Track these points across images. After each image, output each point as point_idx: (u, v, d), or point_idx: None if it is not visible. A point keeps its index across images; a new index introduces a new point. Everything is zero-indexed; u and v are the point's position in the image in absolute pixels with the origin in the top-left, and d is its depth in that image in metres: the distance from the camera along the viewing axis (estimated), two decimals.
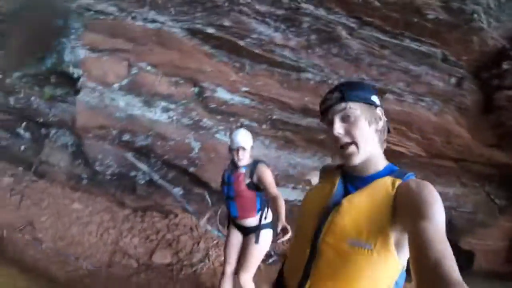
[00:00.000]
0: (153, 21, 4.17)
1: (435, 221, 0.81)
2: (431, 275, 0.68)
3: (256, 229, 2.70)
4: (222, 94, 4.13)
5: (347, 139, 1.01)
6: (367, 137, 1.02)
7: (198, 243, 4.19)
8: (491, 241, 6.26)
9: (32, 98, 4.79)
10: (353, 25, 3.83)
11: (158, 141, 4.16)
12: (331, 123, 1.04)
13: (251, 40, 3.94)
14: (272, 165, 4.43)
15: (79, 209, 4.46)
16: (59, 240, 4.13)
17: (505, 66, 4.18)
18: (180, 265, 3.92)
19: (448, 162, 5.25)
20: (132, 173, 4.36)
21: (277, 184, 2.82)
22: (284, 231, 2.02)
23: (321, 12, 3.71)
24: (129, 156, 4.29)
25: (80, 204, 4.50)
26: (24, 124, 5.05)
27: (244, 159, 2.67)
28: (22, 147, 5.09)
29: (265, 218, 2.73)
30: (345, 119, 1.02)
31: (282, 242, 2.90)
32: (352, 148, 1.00)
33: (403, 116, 4.41)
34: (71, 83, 4.44)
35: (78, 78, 4.30)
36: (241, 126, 4.21)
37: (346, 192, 1.05)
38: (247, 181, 2.65)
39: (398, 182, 0.97)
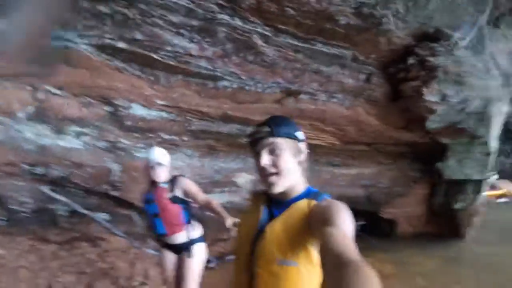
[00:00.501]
0: (57, 38, 3.84)
1: (341, 227, 0.91)
2: (335, 260, 0.77)
3: (188, 245, 2.73)
4: (138, 110, 4.00)
5: (272, 170, 1.13)
6: (290, 168, 1.14)
7: (135, 265, 4.09)
8: (410, 208, 7.10)
9: None
10: (268, 33, 3.94)
11: (74, 169, 3.91)
12: (258, 154, 1.15)
13: (165, 52, 3.82)
14: (197, 174, 4.49)
15: (2, 255, 4.03)
16: None
17: (410, 61, 4.61)
18: None
19: (361, 147, 5.74)
20: (52, 206, 4.09)
21: (205, 192, 2.90)
22: (236, 225, 2.12)
23: (237, 22, 3.73)
24: (45, 189, 3.97)
25: (2, 249, 4.08)
26: None
27: (162, 175, 2.68)
28: None
29: (194, 231, 2.77)
30: (272, 152, 1.13)
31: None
32: (275, 178, 1.12)
33: (317, 113, 4.69)
34: None
35: None
36: (160, 142, 4.15)
37: (271, 216, 1.17)
38: (170, 195, 2.66)
39: (313, 202, 1.10)
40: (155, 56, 3.85)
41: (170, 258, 2.87)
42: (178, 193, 2.68)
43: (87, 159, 3.93)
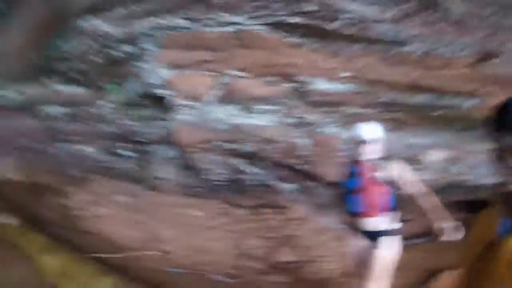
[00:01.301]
0: (229, 23, 4.01)
1: None
2: None
3: (382, 234, 2.49)
4: (321, 84, 3.94)
5: None
6: None
7: (315, 237, 4.09)
8: None
9: (125, 121, 4.95)
10: None
11: (264, 145, 4.09)
12: None
13: (341, 21, 3.67)
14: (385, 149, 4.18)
15: (197, 216, 4.56)
16: (183, 250, 4.24)
17: None
18: (302, 262, 3.90)
19: None
20: (242, 177, 4.38)
21: None
22: (456, 228, 1.95)
23: None
24: (237, 162, 4.30)
25: (198, 211, 4.61)
26: (124, 145, 5.21)
27: (373, 152, 2.52)
28: (130, 166, 5.27)
29: (393, 220, 2.54)
30: None
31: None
32: None
33: None
34: (160, 104, 4.48)
35: (166, 98, 4.35)
36: (345, 116, 3.99)
37: None
38: (380, 174, 2.47)
39: None
40: (331, 26, 3.74)
41: (358, 242, 2.65)
42: (389, 174, 2.48)
43: (275, 135, 4.06)
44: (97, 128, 5.22)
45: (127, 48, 4.52)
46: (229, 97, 4.07)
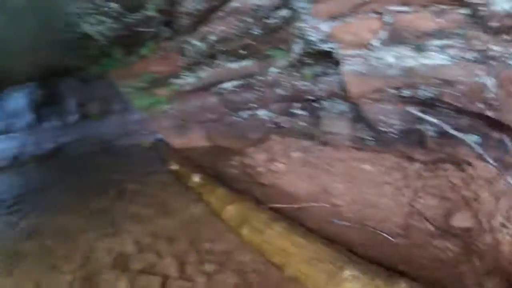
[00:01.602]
0: None
1: None
2: None
3: None
4: (500, 4, 3.27)
5: None
6: None
7: (500, 200, 3.42)
8: None
9: (294, 82, 5.27)
10: None
11: (443, 88, 3.65)
12: None
13: None
14: None
15: (369, 170, 4.55)
16: (354, 204, 4.27)
17: None
18: (479, 229, 3.35)
19: None
20: (419, 127, 4.07)
21: None
22: None
23: None
24: (413, 110, 3.99)
25: (369, 165, 4.60)
26: (296, 104, 5.67)
27: None
28: (302, 123, 5.73)
29: None
30: None
31: None
32: None
33: None
34: (326, 58, 4.51)
35: (331, 51, 4.30)
36: None
37: None
38: None
39: None
40: None
41: None
42: None
43: (456, 75, 3.55)
44: (270, 93, 5.75)
45: (282, 13, 4.67)
46: (396, 38, 3.69)
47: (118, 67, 7.16)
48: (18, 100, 12.76)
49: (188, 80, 6.61)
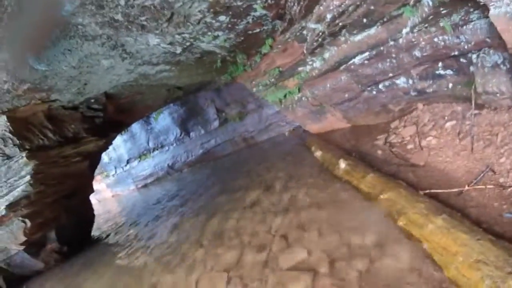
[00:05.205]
0: None
1: None
2: None
3: None
4: None
5: None
6: None
7: None
8: None
9: (431, 39, 4.63)
10: None
11: None
12: None
13: None
14: None
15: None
16: None
17: None
18: None
19: None
20: None
21: None
22: None
23: None
24: None
25: None
26: (439, 64, 4.97)
27: None
28: (451, 85, 5.01)
29: None
30: None
31: None
32: None
33: None
34: (466, 1, 3.89)
35: None
36: None
37: None
38: None
39: None
40: None
41: None
42: None
43: None
44: (406, 58, 5.19)
45: None
46: None
47: (245, 70, 7.57)
48: (165, 119, 15.49)
49: (314, 65, 6.53)
